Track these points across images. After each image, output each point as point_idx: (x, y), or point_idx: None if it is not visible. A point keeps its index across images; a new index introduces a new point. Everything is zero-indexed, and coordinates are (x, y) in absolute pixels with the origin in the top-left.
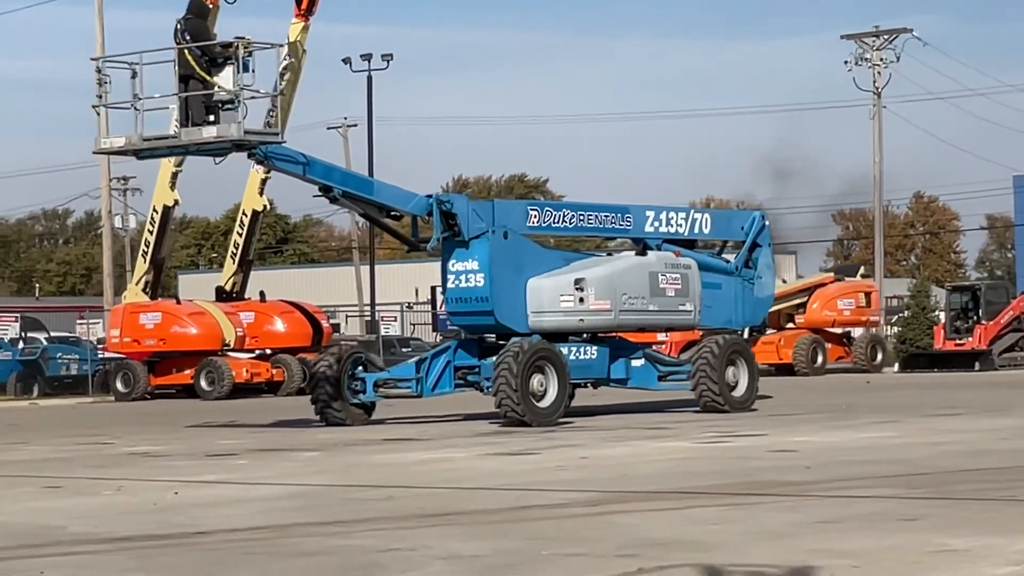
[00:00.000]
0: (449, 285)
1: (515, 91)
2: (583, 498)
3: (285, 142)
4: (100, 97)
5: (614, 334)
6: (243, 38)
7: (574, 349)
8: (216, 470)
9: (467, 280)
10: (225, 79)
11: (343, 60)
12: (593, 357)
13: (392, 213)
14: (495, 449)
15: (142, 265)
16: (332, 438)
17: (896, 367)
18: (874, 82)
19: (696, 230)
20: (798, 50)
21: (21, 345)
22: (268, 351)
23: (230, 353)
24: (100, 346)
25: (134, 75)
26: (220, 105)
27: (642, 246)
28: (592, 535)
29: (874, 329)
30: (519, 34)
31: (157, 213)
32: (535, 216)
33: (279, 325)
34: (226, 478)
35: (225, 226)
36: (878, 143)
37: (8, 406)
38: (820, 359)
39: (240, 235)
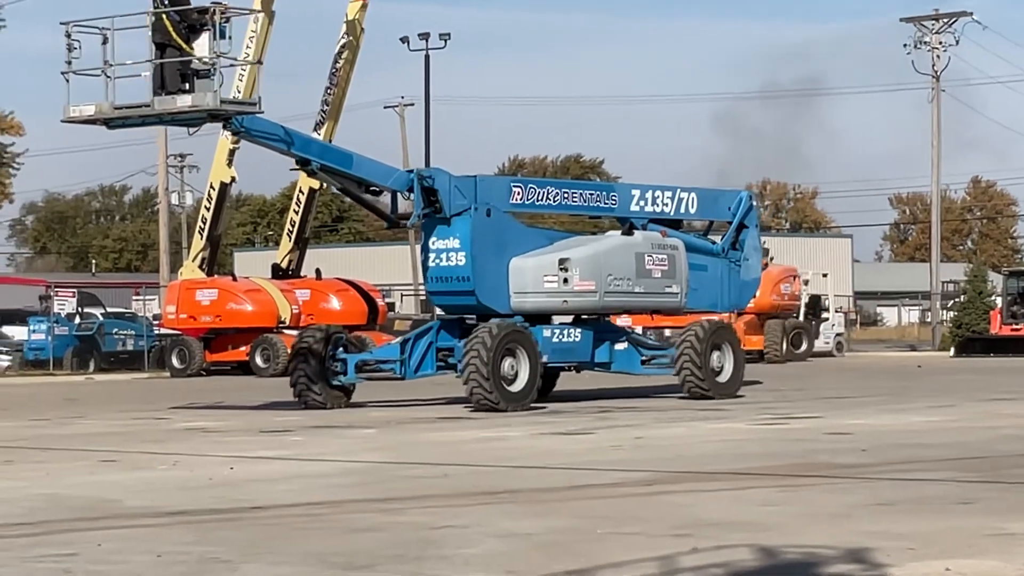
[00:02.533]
0: (429, 264)
1: (573, 71)
2: (638, 478)
3: (263, 112)
4: (69, 63)
5: (598, 316)
6: (220, 3)
7: (557, 331)
8: (271, 446)
9: (448, 259)
10: (201, 46)
11: (401, 39)
12: (577, 340)
13: (371, 188)
14: (550, 428)
15: (199, 242)
16: (386, 416)
17: (952, 351)
18: (933, 65)
19: (683, 210)
20: (857, 33)
21: (78, 320)
22: None
23: (285, 330)
24: (156, 322)
25: (105, 41)
26: (195, 73)
27: (628, 226)
28: (647, 515)
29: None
30: (577, 14)
31: (214, 190)
32: (519, 193)
33: (335, 303)
34: (281, 454)
35: (281, 204)
36: (936, 127)
37: (64, 381)
38: (786, 345)
39: (297, 213)
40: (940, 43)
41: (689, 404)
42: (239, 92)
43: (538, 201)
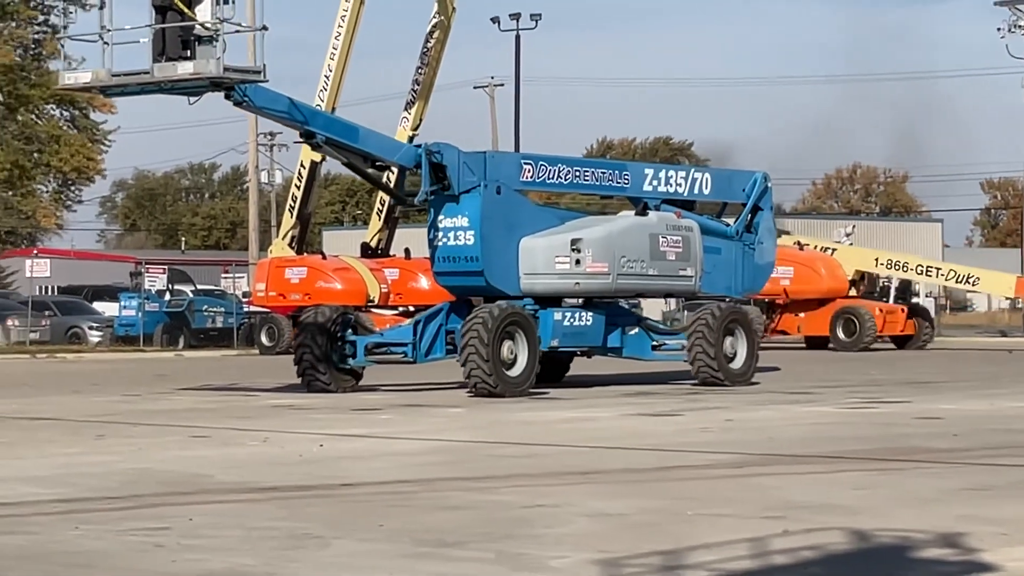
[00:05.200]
0: (437, 243)
1: (664, 52)
2: (728, 460)
3: (267, 81)
4: (64, 28)
5: (610, 299)
6: None
7: (568, 315)
8: (361, 424)
9: (456, 238)
10: (203, 11)
11: (492, 19)
12: (588, 324)
13: (378, 163)
14: (639, 409)
15: (288, 220)
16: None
17: None
18: None
19: (696, 190)
20: (950, 16)
21: (168, 297)
22: (412, 308)
23: (374, 309)
24: (245, 300)
25: (103, 6)
26: (197, 39)
27: (642, 206)
28: (737, 496)
29: None
30: None
31: (304, 168)
32: (529, 170)
33: (423, 282)
34: (371, 432)
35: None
36: None
37: (155, 357)
38: None
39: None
40: None
41: (777, 387)
42: (327, 77)
43: (549, 179)
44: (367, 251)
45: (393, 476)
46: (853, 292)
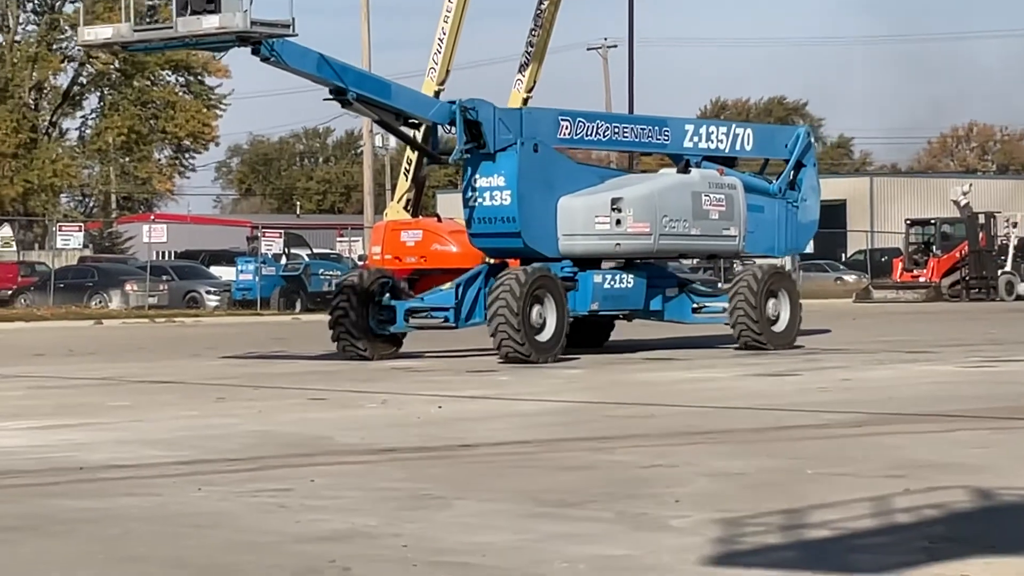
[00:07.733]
0: (472, 203)
1: (780, 11)
2: (847, 419)
3: (296, 36)
4: None
5: (651, 261)
6: None
7: (608, 277)
8: (478, 385)
9: (492, 198)
10: None
11: None
12: (629, 286)
13: (411, 120)
14: (757, 370)
15: (404, 183)
16: (593, 356)
17: None
18: None
19: (738, 147)
20: None
21: (284, 261)
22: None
23: None
24: (361, 263)
25: None
26: None
27: (684, 163)
28: (857, 455)
29: None
30: None
31: (419, 131)
32: (567, 127)
33: None
34: (488, 393)
35: None
36: None
37: (271, 320)
38: None
39: None
40: None
41: (894, 347)
42: (441, 41)
43: (587, 136)
44: None
45: (512, 437)
46: None
